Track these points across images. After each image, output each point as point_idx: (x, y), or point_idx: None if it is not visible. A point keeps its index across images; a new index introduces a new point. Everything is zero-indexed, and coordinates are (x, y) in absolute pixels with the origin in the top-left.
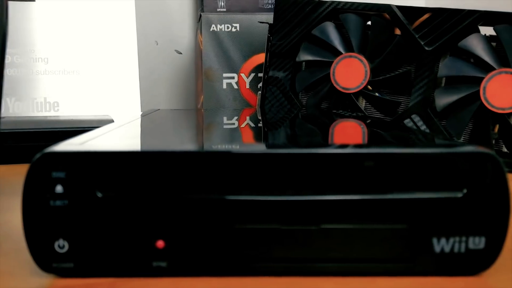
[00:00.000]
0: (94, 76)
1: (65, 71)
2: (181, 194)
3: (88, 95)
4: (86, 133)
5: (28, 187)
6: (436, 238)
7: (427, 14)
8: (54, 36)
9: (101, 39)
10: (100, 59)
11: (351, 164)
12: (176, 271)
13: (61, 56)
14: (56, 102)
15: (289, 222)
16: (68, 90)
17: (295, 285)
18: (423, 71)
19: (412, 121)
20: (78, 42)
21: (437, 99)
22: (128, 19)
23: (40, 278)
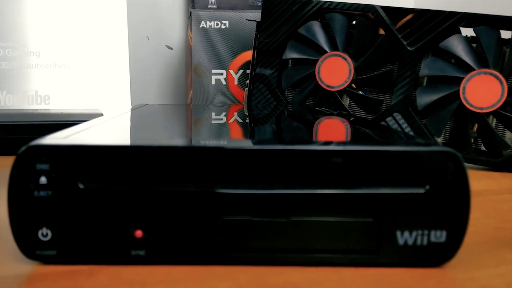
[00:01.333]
0: (85, 70)
1: (56, 65)
2: (157, 186)
3: (78, 89)
4: (73, 126)
5: (13, 178)
6: (400, 231)
7: (410, 14)
8: (46, 30)
9: (93, 34)
10: (91, 53)
11: (320, 160)
12: (153, 260)
13: (52, 50)
14: (47, 96)
15: (260, 214)
16: (59, 83)
17: (264, 274)
18: (405, 71)
19: (394, 119)
20: (70, 36)
21: (419, 98)
22: (120, 14)
23: (25, 265)
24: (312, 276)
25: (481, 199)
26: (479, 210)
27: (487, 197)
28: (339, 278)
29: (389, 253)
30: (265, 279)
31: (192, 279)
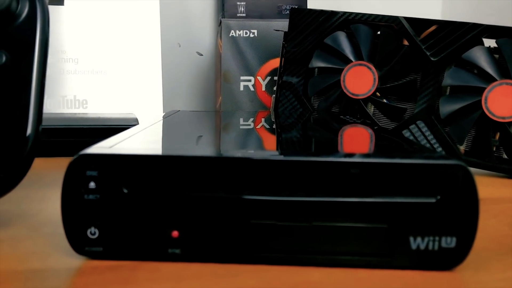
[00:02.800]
0: (120, 76)
1: (94, 71)
2: (192, 192)
3: (114, 94)
4: (116, 135)
5: (66, 182)
6: (412, 237)
7: (433, 26)
8: (84, 38)
9: (127, 41)
10: (126, 60)
11: (340, 171)
12: (187, 257)
13: (90, 57)
14: (85, 100)
15: (284, 219)
16: (96, 89)
17: (287, 272)
18: (428, 80)
19: (417, 127)
20: (106, 44)
21: (441, 106)
22: (153, 23)
23: (74, 259)
24: (331, 276)
25: (498, 206)
26: (495, 218)
27: (505, 205)
28: (356, 278)
29: (403, 257)
30: (288, 277)
31: (221, 275)
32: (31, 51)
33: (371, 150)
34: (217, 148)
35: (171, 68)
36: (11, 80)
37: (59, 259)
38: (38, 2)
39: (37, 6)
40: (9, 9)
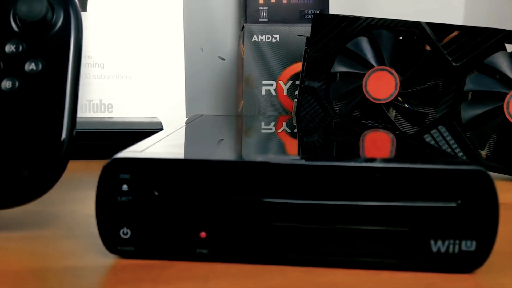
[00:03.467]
0: (145, 81)
1: (119, 76)
2: (220, 195)
3: (138, 98)
4: (145, 140)
5: (100, 185)
6: (433, 240)
7: (455, 31)
8: (109, 44)
9: (152, 47)
10: (150, 64)
11: (362, 175)
12: (215, 258)
13: (115, 62)
14: (110, 104)
15: (309, 222)
16: (121, 93)
17: (311, 273)
18: (450, 85)
19: (439, 131)
20: (131, 49)
21: (463, 112)
22: (176, 28)
23: (107, 258)
24: (354, 277)
25: None
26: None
27: None
28: (378, 280)
29: (423, 259)
30: (312, 278)
31: (247, 275)
32: (66, 59)
33: (393, 155)
34: (242, 152)
35: (193, 73)
36: (47, 86)
37: (93, 257)
38: (72, 12)
39: (71, 16)
40: (45, 18)
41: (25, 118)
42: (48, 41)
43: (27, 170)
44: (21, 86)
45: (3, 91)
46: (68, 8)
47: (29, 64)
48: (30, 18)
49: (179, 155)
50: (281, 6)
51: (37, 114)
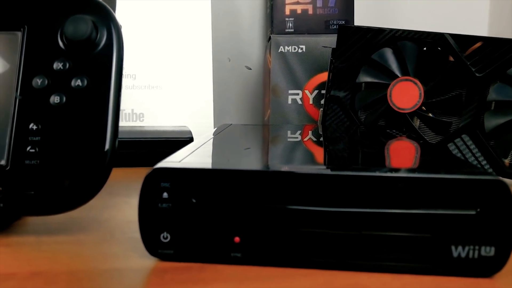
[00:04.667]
0: (175, 90)
1: (150, 86)
2: (253, 202)
3: (168, 108)
4: (181, 150)
5: (143, 193)
6: (454, 246)
7: (479, 42)
8: (141, 56)
9: (181, 58)
10: (179, 75)
11: (387, 185)
12: (248, 261)
13: (146, 73)
14: (142, 114)
15: (336, 228)
16: (151, 103)
17: (338, 276)
18: (473, 95)
19: (462, 140)
20: (161, 60)
21: (486, 121)
22: (205, 39)
23: (148, 260)
24: (378, 280)
25: None
26: None
27: None
28: (401, 283)
29: (444, 264)
30: (339, 280)
31: (278, 277)
32: (108, 75)
33: (416, 165)
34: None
35: (221, 82)
36: (91, 101)
37: (135, 260)
38: (114, 31)
39: (113, 35)
40: (90, 38)
41: (72, 130)
42: (93, 59)
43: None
44: (68, 101)
45: (51, 105)
46: (111, 28)
47: (75, 80)
48: (77, 38)
49: (214, 165)
50: (307, 17)
51: (83, 126)
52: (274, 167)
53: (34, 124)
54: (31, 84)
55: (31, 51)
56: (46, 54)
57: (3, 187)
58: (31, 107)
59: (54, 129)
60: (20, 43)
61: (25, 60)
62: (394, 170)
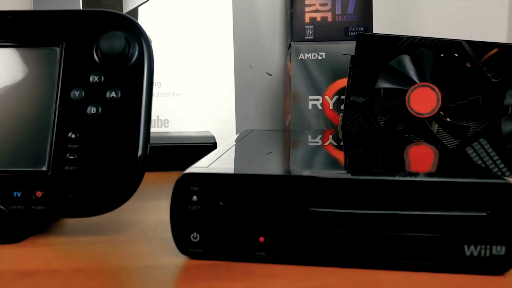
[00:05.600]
0: (198, 97)
1: (174, 93)
2: (277, 205)
3: (192, 114)
4: (208, 155)
5: (174, 196)
6: (466, 245)
7: (495, 49)
8: (165, 64)
9: (204, 66)
10: (203, 82)
11: (403, 188)
12: (272, 259)
13: (171, 80)
14: (166, 120)
15: (355, 229)
16: (176, 109)
17: (357, 273)
18: (490, 100)
19: (480, 144)
20: (185, 68)
21: (503, 125)
22: (227, 47)
23: (179, 258)
24: (395, 277)
25: None
26: None
27: None
28: (417, 280)
29: (457, 262)
30: (358, 277)
31: (301, 275)
32: (140, 87)
33: (432, 169)
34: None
35: (243, 88)
36: (125, 111)
37: (166, 258)
38: (145, 46)
39: (144, 50)
40: (124, 52)
41: (107, 138)
42: (126, 72)
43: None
44: (103, 111)
45: (88, 115)
46: (142, 42)
47: (110, 92)
48: (111, 53)
49: (239, 170)
50: (326, 24)
51: (117, 135)
52: (296, 172)
53: (72, 133)
54: (69, 96)
55: (69, 65)
56: (82, 68)
57: (45, 191)
58: (70, 117)
59: (91, 137)
60: (58, 58)
61: (63, 74)
62: (410, 175)
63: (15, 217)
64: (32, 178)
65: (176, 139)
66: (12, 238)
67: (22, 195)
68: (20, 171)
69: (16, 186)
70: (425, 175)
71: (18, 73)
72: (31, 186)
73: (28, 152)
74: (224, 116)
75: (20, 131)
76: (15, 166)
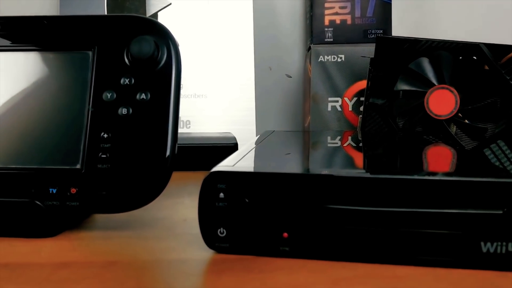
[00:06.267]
0: (219, 99)
1: (196, 95)
2: (299, 202)
3: (213, 115)
4: (233, 154)
5: (202, 193)
6: (483, 242)
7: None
8: (188, 67)
9: (225, 68)
10: (224, 84)
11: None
12: (295, 254)
13: (193, 82)
14: (188, 121)
15: (375, 226)
16: (198, 110)
17: (376, 267)
18: (508, 102)
19: (498, 145)
20: (207, 71)
21: None
22: (247, 50)
23: (206, 252)
24: (414, 272)
25: None
26: None
27: None
28: (435, 275)
29: (474, 258)
30: (377, 271)
31: (322, 268)
32: (169, 89)
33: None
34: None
35: (262, 90)
36: (154, 113)
37: (194, 252)
38: (173, 50)
39: (172, 54)
40: (153, 56)
41: (138, 138)
42: (155, 75)
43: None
44: (133, 112)
45: (119, 116)
46: (170, 47)
47: (140, 94)
48: (141, 56)
49: (264, 168)
50: (345, 26)
51: (147, 135)
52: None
53: (104, 133)
54: (101, 97)
55: (101, 68)
56: (114, 71)
57: (79, 188)
58: (102, 118)
59: (122, 137)
60: (91, 61)
61: (95, 76)
62: (429, 174)
63: (51, 212)
64: (67, 175)
65: (198, 140)
66: (48, 232)
67: (58, 191)
68: (55, 169)
69: (52, 183)
70: (443, 174)
71: (53, 76)
72: (66, 183)
73: (63, 151)
74: (245, 117)
75: (55, 131)
76: (51, 164)
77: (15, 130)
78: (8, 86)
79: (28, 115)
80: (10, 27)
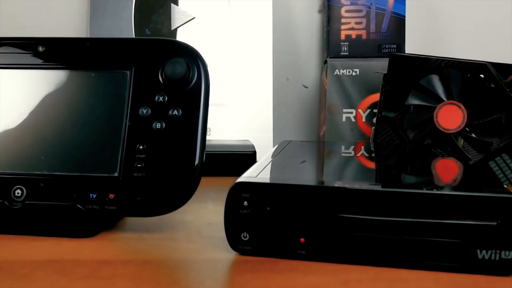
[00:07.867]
0: (238, 108)
1: (216, 103)
2: (316, 211)
3: (232, 123)
4: (255, 165)
5: (228, 201)
6: (479, 250)
7: None
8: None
9: (244, 78)
10: (242, 94)
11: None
12: (311, 257)
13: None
14: (209, 129)
15: (382, 233)
16: (217, 119)
17: (383, 271)
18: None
19: (502, 159)
20: (227, 81)
21: None
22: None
23: (230, 254)
24: (416, 275)
25: None
26: None
27: None
28: (435, 278)
29: (471, 264)
30: (384, 274)
31: (335, 270)
32: (198, 106)
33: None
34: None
35: (280, 100)
36: (184, 127)
37: (219, 253)
38: (203, 71)
39: (202, 74)
40: (185, 76)
41: (170, 150)
42: (186, 93)
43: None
44: (166, 126)
45: (154, 130)
46: (200, 68)
47: (172, 110)
48: (174, 77)
49: (284, 180)
50: (360, 41)
51: (178, 147)
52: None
53: (140, 145)
54: (138, 112)
55: (138, 86)
56: (149, 89)
57: (117, 194)
58: (138, 131)
59: (156, 149)
60: (129, 80)
61: (133, 94)
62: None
63: (91, 215)
64: (106, 182)
65: (218, 147)
66: (88, 233)
67: (97, 196)
68: (95, 176)
69: (92, 189)
70: (446, 188)
71: (94, 93)
72: (105, 189)
73: (103, 160)
74: (262, 126)
75: (96, 143)
76: (91, 172)
77: (60, 140)
78: (54, 101)
79: (72, 127)
80: (56, 47)
